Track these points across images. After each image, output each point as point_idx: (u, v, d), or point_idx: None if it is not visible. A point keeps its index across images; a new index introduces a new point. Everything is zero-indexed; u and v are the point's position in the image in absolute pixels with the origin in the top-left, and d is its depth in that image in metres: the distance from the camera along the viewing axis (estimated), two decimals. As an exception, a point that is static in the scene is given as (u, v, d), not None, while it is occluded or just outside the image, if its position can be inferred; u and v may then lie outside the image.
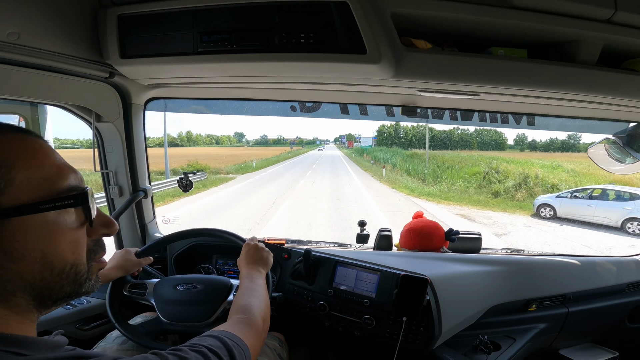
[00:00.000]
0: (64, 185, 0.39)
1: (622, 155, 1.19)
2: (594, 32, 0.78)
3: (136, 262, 1.02)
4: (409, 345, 0.98)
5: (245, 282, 0.79)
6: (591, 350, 1.38)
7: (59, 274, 0.39)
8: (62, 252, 0.39)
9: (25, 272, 0.37)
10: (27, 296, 0.37)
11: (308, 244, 1.42)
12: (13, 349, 0.34)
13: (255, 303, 0.69)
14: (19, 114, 1.14)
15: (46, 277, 0.38)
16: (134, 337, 0.89)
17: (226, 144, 59.42)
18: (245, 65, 0.82)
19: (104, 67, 0.90)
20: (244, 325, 0.61)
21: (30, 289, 0.37)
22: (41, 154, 0.39)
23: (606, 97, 0.94)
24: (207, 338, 0.50)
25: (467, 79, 0.85)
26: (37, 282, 0.37)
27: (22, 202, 0.36)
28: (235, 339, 0.53)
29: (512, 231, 7.52)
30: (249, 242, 0.92)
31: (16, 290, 0.37)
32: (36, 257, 0.37)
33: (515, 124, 1.26)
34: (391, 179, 15.27)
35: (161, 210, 7.50)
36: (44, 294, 0.39)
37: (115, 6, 0.81)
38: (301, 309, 1.12)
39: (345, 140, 57.09)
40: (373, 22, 0.72)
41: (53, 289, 0.39)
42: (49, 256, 0.38)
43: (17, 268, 0.36)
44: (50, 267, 0.38)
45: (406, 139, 29.92)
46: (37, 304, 0.39)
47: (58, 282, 0.39)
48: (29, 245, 0.36)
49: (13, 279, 0.36)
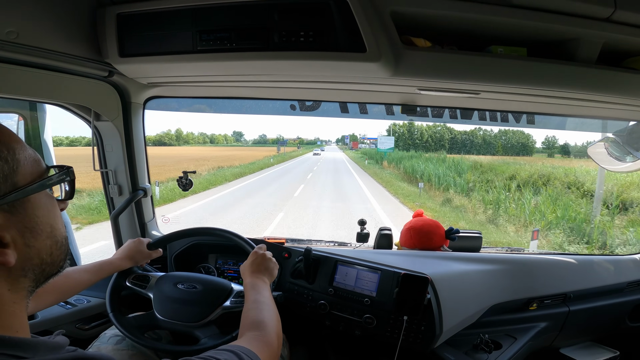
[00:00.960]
0: (44, 164, 0.41)
1: (622, 153, 1.19)
2: (594, 30, 0.77)
3: (147, 254, 1.03)
4: (409, 344, 0.98)
5: (251, 294, 0.77)
6: (592, 349, 1.38)
7: (60, 247, 0.41)
8: (59, 225, 0.41)
9: (42, 249, 0.38)
10: (32, 276, 0.38)
11: (308, 242, 1.42)
12: (12, 351, 0.34)
13: (268, 319, 0.68)
14: (17, 113, 1.13)
15: (54, 251, 0.40)
16: (125, 329, 0.88)
17: (222, 142, 57.19)
18: (245, 63, 0.82)
19: (103, 65, 0.90)
20: (260, 343, 0.60)
21: (39, 267, 0.39)
22: (18, 137, 0.40)
23: (606, 96, 0.94)
24: (223, 352, 0.49)
25: (467, 77, 0.85)
26: (47, 257, 0.39)
27: (30, 181, 0.37)
28: (252, 356, 0.52)
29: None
30: (257, 250, 0.91)
31: (29, 270, 0.38)
32: (48, 232, 0.39)
33: (515, 123, 1.26)
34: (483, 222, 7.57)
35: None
36: (46, 270, 0.40)
37: (114, 5, 0.81)
38: (301, 308, 1.12)
39: (349, 140, 50.66)
40: (372, 20, 0.72)
41: (54, 264, 0.41)
42: (54, 230, 0.40)
43: (38, 245, 0.38)
44: (56, 241, 0.40)
45: (421, 140, 25.40)
46: (33, 285, 0.39)
47: (59, 255, 0.41)
48: (44, 220, 0.39)
49: (33, 257, 0.38)
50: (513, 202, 8.64)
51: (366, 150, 34.66)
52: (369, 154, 27.98)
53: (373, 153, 26.92)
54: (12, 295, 0.36)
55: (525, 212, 7.75)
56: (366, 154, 29.84)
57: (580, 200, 8.43)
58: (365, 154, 30.22)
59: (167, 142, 45.17)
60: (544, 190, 9.39)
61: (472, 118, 1.23)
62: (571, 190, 9.20)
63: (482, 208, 8.79)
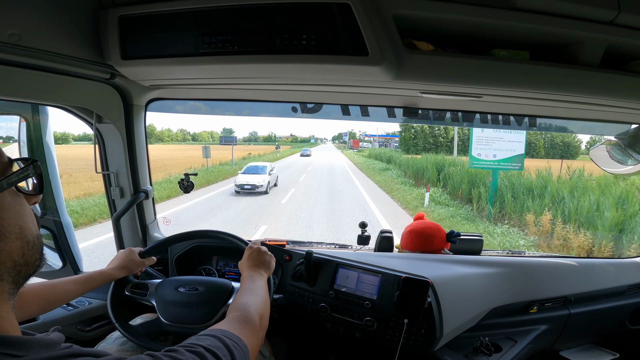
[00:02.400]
0: (5, 159, 0.39)
1: (624, 157, 1.18)
2: (597, 33, 0.77)
3: (140, 263, 1.02)
4: (410, 347, 0.98)
5: (245, 283, 0.78)
6: (592, 351, 1.38)
7: (33, 247, 0.39)
8: (29, 224, 0.40)
9: (12, 251, 0.37)
10: (9, 278, 0.37)
11: (309, 245, 1.42)
12: (5, 350, 0.33)
13: (252, 301, 0.69)
14: (20, 115, 1.13)
15: (26, 252, 0.38)
16: (134, 338, 0.89)
17: (207, 140, 50.86)
18: (247, 66, 0.82)
19: (105, 68, 0.90)
20: (240, 323, 0.60)
21: (14, 269, 0.37)
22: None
23: (609, 99, 0.93)
24: (205, 338, 0.49)
25: (469, 80, 0.84)
26: (20, 259, 0.38)
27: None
28: (234, 338, 0.52)
29: None
30: (252, 245, 0.92)
31: (4, 273, 0.36)
32: (17, 233, 0.37)
33: (517, 126, 1.26)
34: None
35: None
36: (22, 271, 0.39)
37: (116, 7, 0.81)
38: (302, 311, 1.12)
39: (348, 138, 43.43)
40: (375, 23, 0.72)
41: (29, 264, 0.39)
42: (24, 230, 0.38)
43: (6, 247, 0.36)
44: (27, 241, 0.39)
45: (445, 138, 18.04)
46: (13, 287, 0.38)
47: (32, 255, 0.39)
48: (10, 221, 0.37)
49: (4, 260, 0.36)
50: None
51: (374, 151, 24.58)
52: (379, 157, 19.11)
53: (383, 155, 18.78)
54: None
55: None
56: (379, 157, 19.57)
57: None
58: (378, 157, 19.82)
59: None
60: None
61: (473, 121, 1.23)
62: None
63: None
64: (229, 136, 35.62)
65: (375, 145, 34.37)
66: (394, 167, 15.44)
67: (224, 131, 50.55)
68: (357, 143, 40.31)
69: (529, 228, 6.90)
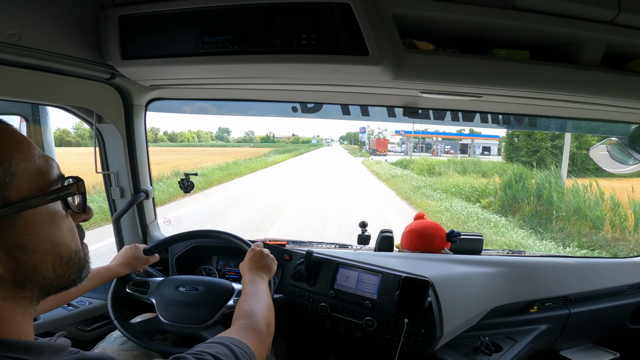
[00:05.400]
0: (54, 175, 0.39)
1: (624, 156, 1.18)
2: (597, 33, 0.77)
3: (144, 260, 1.03)
4: (410, 347, 0.98)
5: (248, 287, 0.78)
6: (592, 351, 1.38)
7: (67, 262, 0.40)
8: (65, 240, 0.40)
9: (39, 265, 0.37)
10: (35, 288, 0.38)
11: (309, 245, 1.42)
12: (16, 354, 0.34)
13: (258, 308, 0.69)
14: (20, 115, 1.13)
15: (57, 267, 0.39)
16: (132, 335, 0.89)
17: (192, 141, 43.26)
18: (247, 66, 0.82)
19: (105, 68, 0.90)
20: (248, 330, 0.61)
21: (42, 281, 0.38)
22: (27, 144, 0.38)
23: (609, 99, 0.93)
24: (213, 345, 0.49)
25: (469, 80, 0.84)
26: (50, 273, 0.38)
27: (27, 195, 0.36)
28: (241, 346, 0.52)
29: None
30: (254, 248, 0.92)
31: (27, 282, 0.37)
32: (47, 249, 0.37)
33: (517, 125, 1.25)
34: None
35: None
36: (53, 284, 0.39)
37: (116, 7, 0.81)
38: (302, 311, 1.12)
39: (366, 137, 27.59)
40: (375, 23, 0.72)
41: (62, 278, 0.40)
42: (57, 246, 0.38)
43: (32, 261, 0.36)
44: (60, 257, 0.39)
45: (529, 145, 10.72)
46: (42, 294, 0.39)
47: (66, 270, 0.40)
48: (40, 237, 0.37)
49: (28, 272, 0.36)
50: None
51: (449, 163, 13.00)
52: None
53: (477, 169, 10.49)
54: (8, 304, 0.36)
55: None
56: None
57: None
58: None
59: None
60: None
61: (473, 120, 1.23)
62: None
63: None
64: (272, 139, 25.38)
65: (403, 148, 22.75)
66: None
67: (220, 130, 46.01)
68: (384, 145, 25.53)
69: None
